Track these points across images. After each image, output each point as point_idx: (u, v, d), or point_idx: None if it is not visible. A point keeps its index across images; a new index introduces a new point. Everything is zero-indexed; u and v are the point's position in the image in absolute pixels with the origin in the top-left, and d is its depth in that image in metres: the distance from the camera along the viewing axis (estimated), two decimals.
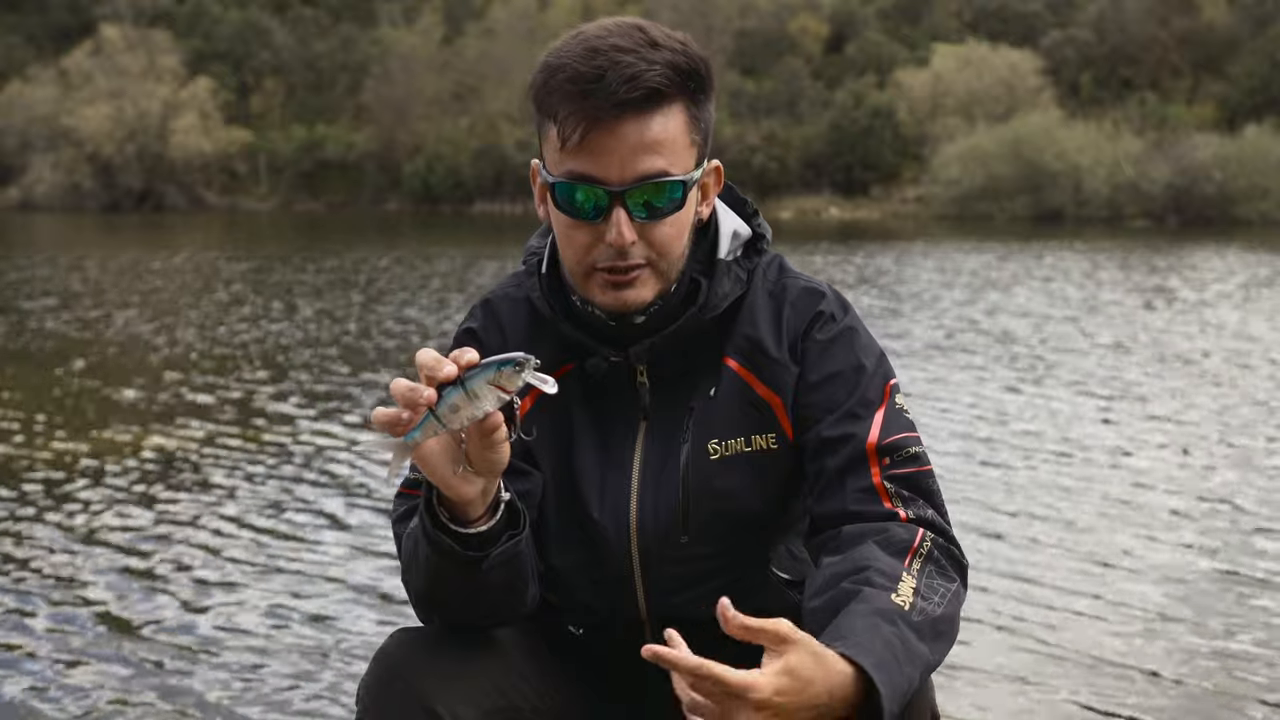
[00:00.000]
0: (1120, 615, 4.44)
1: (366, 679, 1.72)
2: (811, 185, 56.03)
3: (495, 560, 1.66)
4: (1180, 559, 5.11)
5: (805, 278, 1.91)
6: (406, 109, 62.01)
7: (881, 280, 19.12)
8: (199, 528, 5.58)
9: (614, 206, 1.71)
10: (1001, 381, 9.61)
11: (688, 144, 1.73)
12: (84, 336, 12.62)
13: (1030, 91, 56.95)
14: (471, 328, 1.93)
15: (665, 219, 1.73)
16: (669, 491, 1.83)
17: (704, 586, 1.85)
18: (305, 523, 5.68)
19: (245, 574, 4.94)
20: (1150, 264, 22.86)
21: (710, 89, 1.76)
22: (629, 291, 1.76)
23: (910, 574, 1.64)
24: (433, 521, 1.65)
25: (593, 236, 1.74)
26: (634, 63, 1.66)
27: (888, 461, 1.76)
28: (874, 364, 1.84)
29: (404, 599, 4.39)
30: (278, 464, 6.85)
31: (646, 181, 1.70)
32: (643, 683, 1.93)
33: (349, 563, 5.07)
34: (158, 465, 6.82)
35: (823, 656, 1.45)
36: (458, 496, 1.62)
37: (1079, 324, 13.44)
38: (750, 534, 1.86)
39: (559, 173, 1.73)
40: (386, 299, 16.32)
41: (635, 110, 1.67)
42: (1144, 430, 7.76)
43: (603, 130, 1.68)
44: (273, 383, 9.67)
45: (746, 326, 1.85)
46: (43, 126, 62.84)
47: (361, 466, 6.76)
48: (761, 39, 66.05)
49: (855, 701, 1.47)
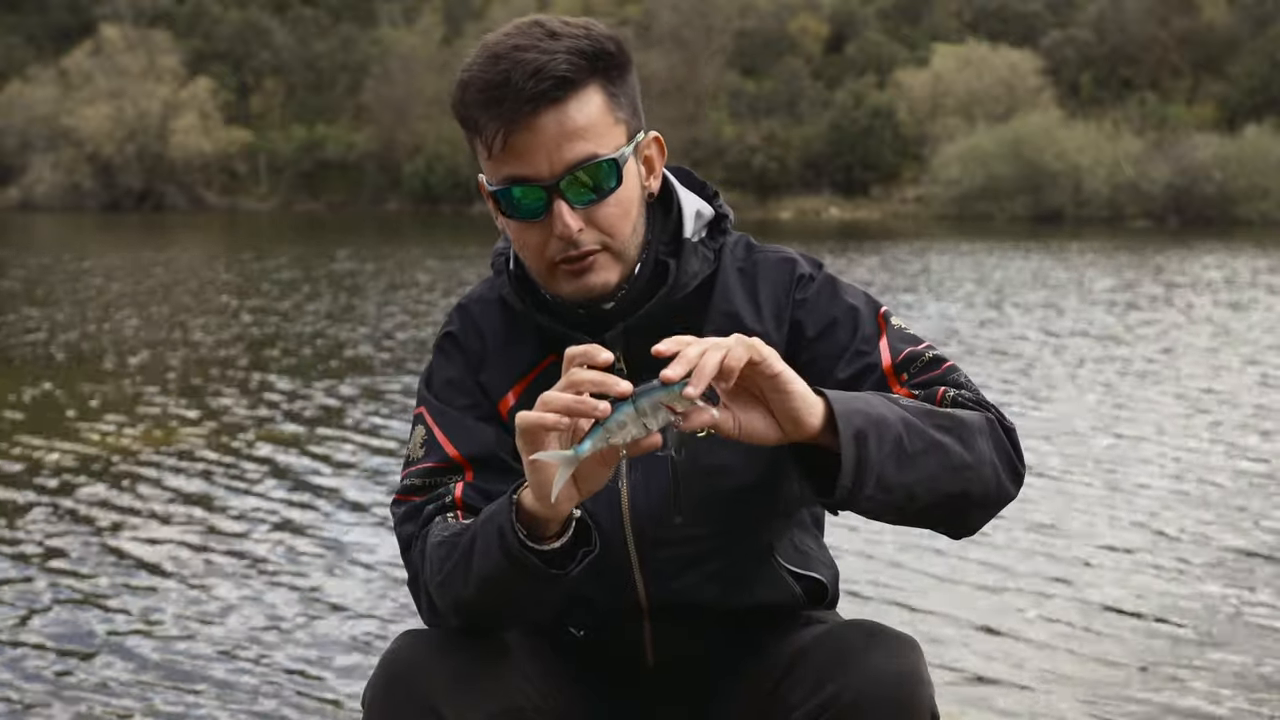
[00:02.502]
0: (1116, 617, 4.44)
1: (373, 681, 1.73)
2: (811, 185, 55.98)
3: (575, 576, 1.66)
4: (1177, 549, 5.11)
5: (773, 249, 1.93)
6: (406, 109, 61.95)
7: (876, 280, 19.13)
8: (200, 528, 5.59)
9: (553, 200, 1.73)
10: (999, 380, 9.61)
11: (612, 123, 1.75)
12: (83, 336, 12.62)
13: (1030, 91, 56.90)
14: (451, 332, 1.94)
15: (606, 200, 1.75)
16: (658, 474, 1.83)
17: (703, 569, 1.85)
18: (307, 523, 5.68)
19: (245, 574, 4.94)
20: (1177, 264, 22.86)
21: (625, 64, 1.77)
22: (590, 277, 1.78)
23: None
24: (519, 543, 1.62)
25: (542, 234, 1.76)
26: (535, 58, 1.69)
27: (905, 376, 1.81)
28: (862, 302, 1.87)
29: (408, 600, 4.39)
30: (280, 464, 6.86)
31: (577, 168, 1.72)
32: (643, 684, 1.94)
33: (352, 563, 5.07)
34: (158, 465, 6.82)
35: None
36: (554, 515, 1.61)
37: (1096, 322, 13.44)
38: (746, 510, 1.86)
39: (497, 180, 1.76)
40: (386, 299, 16.32)
41: (548, 102, 1.70)
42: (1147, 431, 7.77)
43: (521, 129, 1.70)
44: (275, 383, 9.68)
45: (723, 304, 1.87)
46: (43, 126, 62.78)
47: (365, 467, 6.77)
48: (761, 39, 65.99)
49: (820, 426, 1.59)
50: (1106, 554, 5.18)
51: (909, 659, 1.67)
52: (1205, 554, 5.19)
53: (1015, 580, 4.83)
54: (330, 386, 9.47)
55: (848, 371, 1.81)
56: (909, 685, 1.65)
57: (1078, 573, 4.94)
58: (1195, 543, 5.35)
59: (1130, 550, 5.24)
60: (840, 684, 1.65)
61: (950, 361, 1.83)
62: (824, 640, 1.73)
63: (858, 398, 1.64)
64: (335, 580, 4.86)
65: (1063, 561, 5.08)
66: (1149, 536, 5.45)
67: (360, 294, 17.18)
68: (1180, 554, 5.19)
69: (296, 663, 4.02)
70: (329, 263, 23.24)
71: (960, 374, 1.82)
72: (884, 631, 1.72)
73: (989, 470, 1.70)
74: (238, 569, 5.01)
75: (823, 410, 1.60)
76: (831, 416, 1.59)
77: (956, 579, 4.86)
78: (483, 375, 1.90)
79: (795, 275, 1.88)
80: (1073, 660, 4.03)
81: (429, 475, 1.86)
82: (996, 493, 1.72)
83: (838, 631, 1.75)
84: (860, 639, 1.70)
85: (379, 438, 7.56)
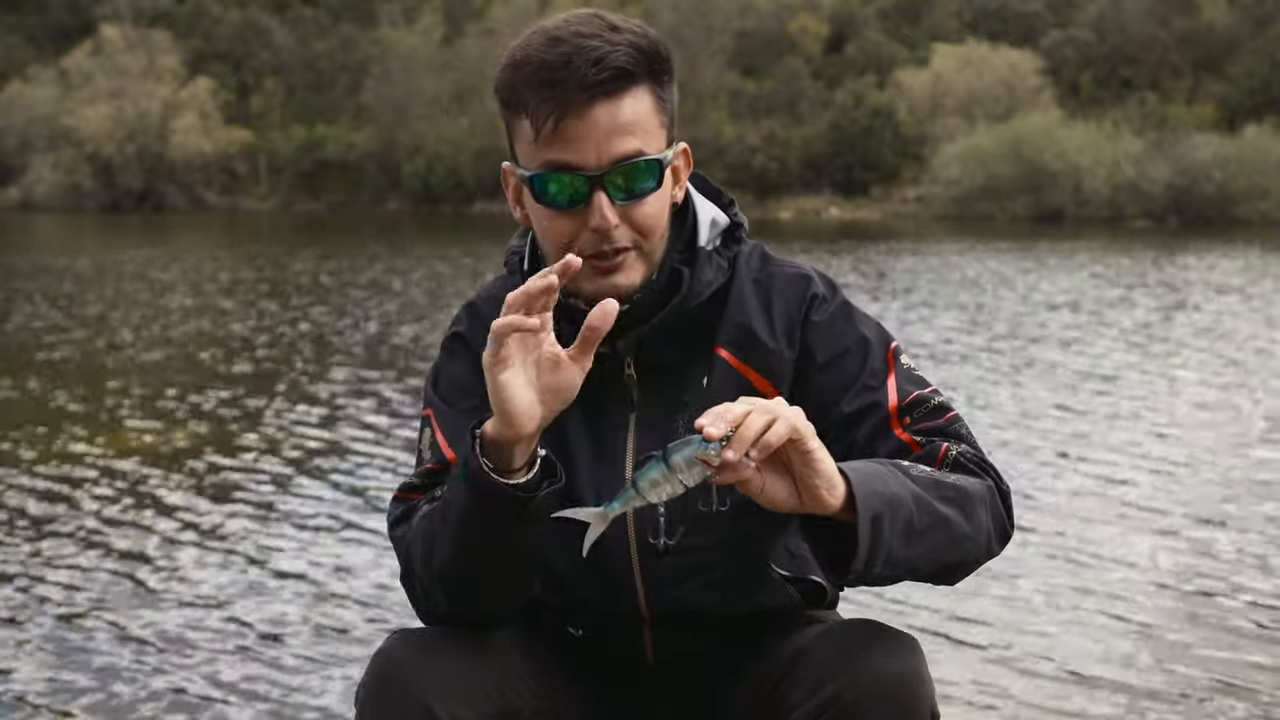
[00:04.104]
0: (1116, 624, 4.44)
1: (365, 680, 1.72)
2: (811, 185, 55.95)
3: (538, 506, 1.65)
4: (1173, 564, 5.11)
5: (789, 263, 1.92)
6: (406, 109, 61.94)
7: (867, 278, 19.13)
8: (200, 528, 5.59)
9: (594, 191, 1.72)
10: (996, 377, 9.61)
11: (658, 125, 1.75)
12: (82, 336, 12.62)
13: (1030, 91, 56.88)
14: (459, 332, 1.93)
15: (645, 199, 1.75)
16: None
17: (703, 579, 1.85)
18: (307, 524, 5.68)
19: (242, 575, 4.94)
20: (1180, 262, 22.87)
21: (671, 72, 1.78)
22: (617, 276, 1.77)
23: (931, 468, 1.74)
24: (480, 469, 1.63)
25: (575, 225, 1.74)
26: (598, 45, 1.68)
27: (909, 420, 1.80)
28: (874, 334, 1.87)
29: (403, 600, 4.39)
30: (281, 466, 6.86)
31: (624, 163, 1.72)
32: (642, 683, 1.93)
33: (349, 564, 5.07)
34: (158, 466, 6.82)
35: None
36: (517, 432, 1.61)
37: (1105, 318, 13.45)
38: (747, 523, 1.85)
39: (535, 165, 1.74)
40: (391, 299, 16.32)
41: (605, 93, 1.69)
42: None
43: (575, 116, 1.69)
44: (275, 385, 9.68)
45: (737, 315, 1.86)
46: (43, 126, 62.78)
47: (363, 468, 6.76)
48: (761, 39, 65.98)
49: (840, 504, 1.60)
50: (1108, 553, 5.18)
51: (909, 658, 1.67)
52: (1208, 554, 5.18)
53: (1016, 579, 4.83)
54: (330, 386, 9.48)
55: (853, 406, 1.81)
56: (910, 685, 1.65)
57: (1081, 571, 4.94)
58: (1198, 541, 5.35)
59: (1135, 548, 5.23)
60: (841, 683, 1.64)
61: (954, 411, 1.83)
62: (824, 640, 1.73)
63: (876, 474, 1.64)
64: (334, 580, 4.86)
65: (1066, 560, 5.07)
66: (1154, 535, 5.45)
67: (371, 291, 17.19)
68: (1187, 552, 5.19)
69: (295, 663, 4.02)
70: (363, 266, 23.23)
71: (963, 425, 1.82)
72: (884, 631, 1.72)
73: (984, 539, 1.74)
74: (234, 569, 5.01)
75: (844, 491, 1.60)
76: (851, 497, 1.60)
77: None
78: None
79: (809, 294, 1.88)
80: (1077, 658, 4.03)
81: (429, 476, 1.86)
82: (985, 556, 1.77)
83: (838, 631, 1.75)
84: (860, 638, 1.70)
85: (381, 436, 7.56)
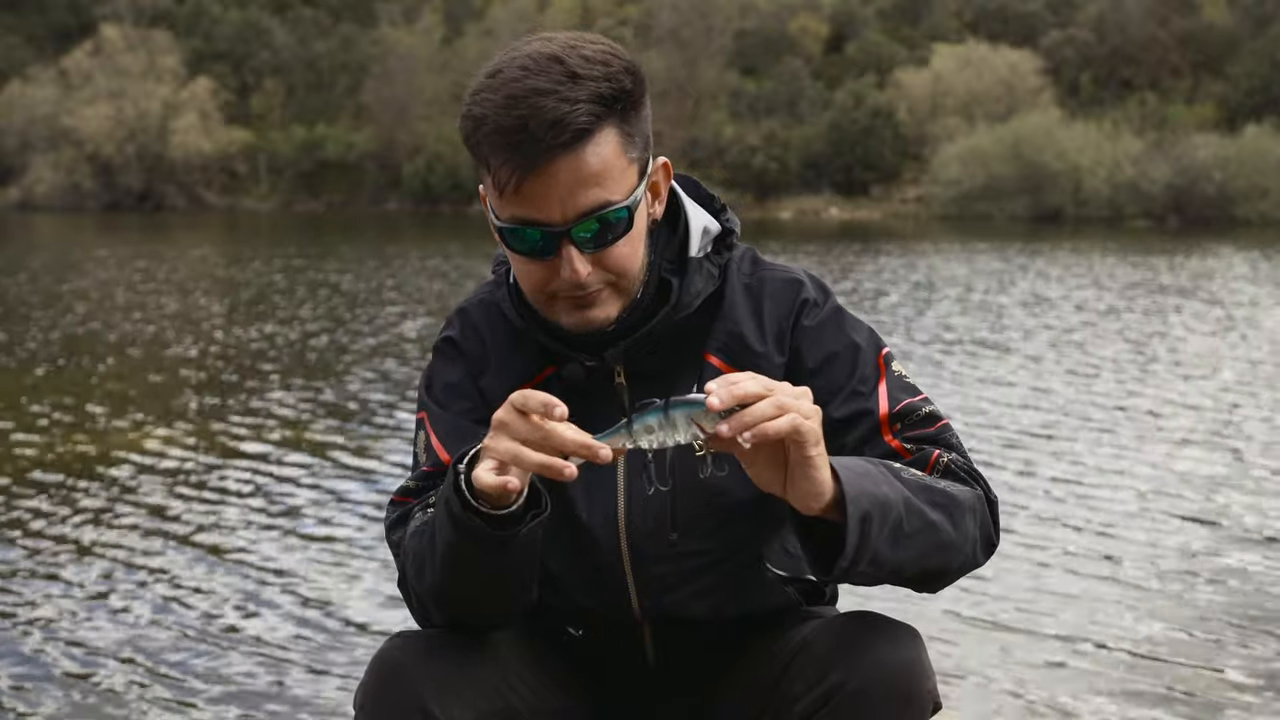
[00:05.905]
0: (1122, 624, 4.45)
1: (364, 682, 1.72)
2: (811, 185, 56.00)
3: (525, 537, 1.64)
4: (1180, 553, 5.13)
5: (781, 267, 1.91)
6: (406, 109, 62.00)
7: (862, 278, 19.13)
8: (199, 529, 5.59)
9: (562, 245, 1.70)
10: (993, 376, 9.62)
11: (625, 165, 1.71)
12: (83, 335, 12.62)
13: (1030, 91, 56.96)
14: (451, 336, 1.93)
15: (615, 244, 1.73)
16: (655, 492, 1.82)
17: (697, 583, 1.85)
18: (307, 525, 5.69)
19: (241, 575, 4.94)
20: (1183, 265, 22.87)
21: (640, 96, 1.72)
22: (593, 310, 1.76)
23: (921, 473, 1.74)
24: (463, 505, 1.62)
25: (547, 271, 1.73)
26: (555, 106, 1.63)
27: (899, 427, 1.80)
28: (865, 339, 1.86)
29: (401, 601, 4.39)
30: (281, 467, 6.86)
31: (589, 216, 1.69)
32: (641, 683, 1.94)
33: (349, 565, 5.08)
34: (157, 466, 6.83)
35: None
36: (513, 489, 1.59)
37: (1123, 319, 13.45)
38: (741, 527, 1.85)
39: (504, 217, 1.72)
40: (390, 300, 16.32)
41: (565, 150, 1.65)
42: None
43: (535, 176, 1.66)
44: (277, 385, 9.68)
45: (728, 322, 1.85)
46: (43, 126, 62.84)
47: (363, 469, 6.77)
48: (761, 39, 66.03)
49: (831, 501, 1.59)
50: (1109, 551, 5.19)
51: (911, 649, 1.68)
52: (1210, 555, 5.19)
53: (1017, 575, 4.83)
54: (330, 387, 9.48)
55: (843, 411, 1.80)
56: (911, 675, 1.65)
57: (1081, 565, 4.94)
58: (1202, 542, 5.36)
59: (1133, 545, 5.24)
60: (843, 674, 1.65)
61: (945, 419, 1.83)
62: (825, 631, 1.74)
63: (868, 474, 1.63)
64: (333, 581, 4.86)
65: (1066, 555, 5.08)
66: (1157, 535, 5.45)
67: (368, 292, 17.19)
68: (1190, 553, 5.20)
69: (295, 664, 4.03)
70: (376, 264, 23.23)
71: (953, 434, 1.82)
72: (885, 621, 1.72)
73: (970, 547, 1.73)
74: (233, 569, 5.01)
75: (830, 499, 1.59)
76: (841, 495, 1.59)
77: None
78: (483, 380, 1.89)
79: (800, 299, 1.86)
80: (1074, 652, 4.03)
81: (424, 479, 1.86)
82: (970, 565, 1.76)
83: (839, 623, 1.75)
84: (862, 630, 1.70)
85: (380, 439, 7.56)
